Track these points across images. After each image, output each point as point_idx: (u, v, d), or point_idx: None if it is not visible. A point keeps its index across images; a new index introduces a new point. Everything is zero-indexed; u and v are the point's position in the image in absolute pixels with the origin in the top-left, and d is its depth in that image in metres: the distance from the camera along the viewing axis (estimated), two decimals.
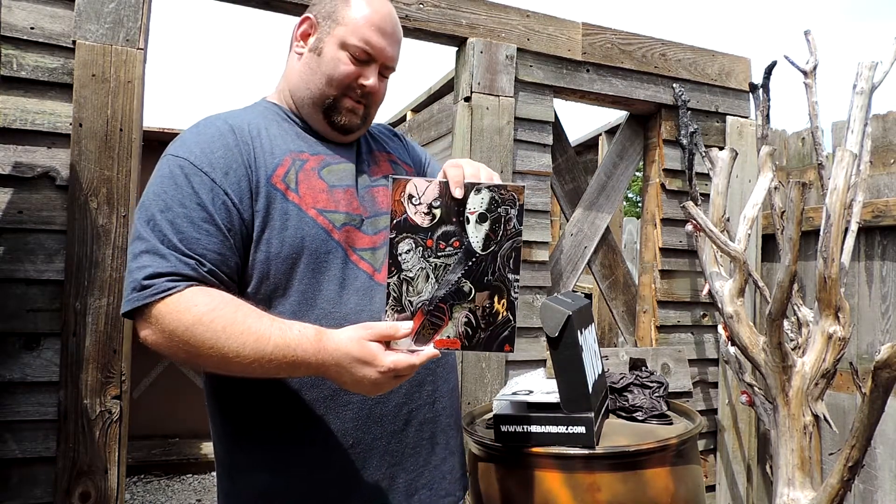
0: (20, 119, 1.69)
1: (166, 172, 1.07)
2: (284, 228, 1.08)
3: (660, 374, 2.01)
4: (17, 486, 1.66)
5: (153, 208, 1.03)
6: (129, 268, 1.02)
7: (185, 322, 0.96)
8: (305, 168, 1.14)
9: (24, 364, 1.67)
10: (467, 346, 0.99)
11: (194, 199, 1.04)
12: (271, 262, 1.08)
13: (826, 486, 1.63)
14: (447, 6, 2.21)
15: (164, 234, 1.01)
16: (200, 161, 1.07)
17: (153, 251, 1.00)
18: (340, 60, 1.14)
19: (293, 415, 1.10)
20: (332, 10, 1.16)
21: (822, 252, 1.76)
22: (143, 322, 1.00)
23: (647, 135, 2.70)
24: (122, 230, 1.75)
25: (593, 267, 2.63)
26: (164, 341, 0.99)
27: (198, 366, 1.02)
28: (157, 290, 0.98)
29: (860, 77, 2.00)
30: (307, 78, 1.17)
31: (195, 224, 1.03)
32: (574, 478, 1.47)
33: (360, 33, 1.14)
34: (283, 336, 0.97)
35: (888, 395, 1.44)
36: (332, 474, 1.10)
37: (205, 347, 0.97)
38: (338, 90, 1.16)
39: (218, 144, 1.09)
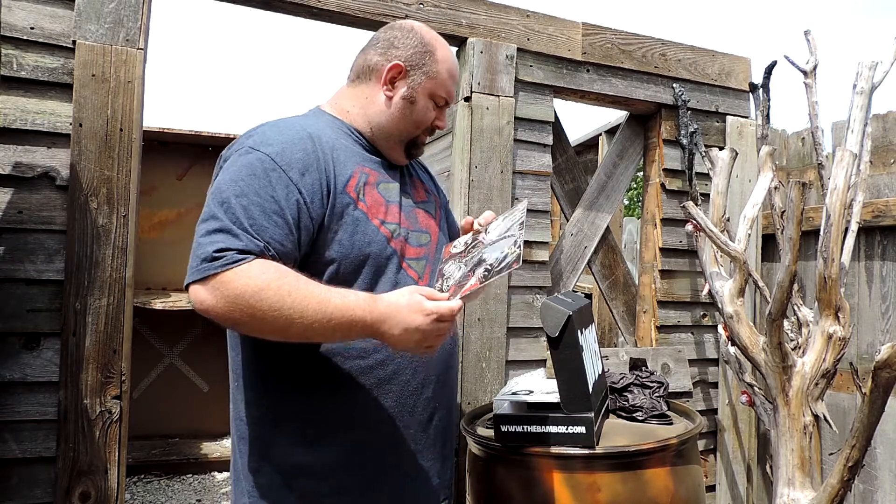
0: (20, 119, 1.69)
1: (245, 162, 1.16)
2: (355, 232, 1.22)
3: (660, 374, 2.01)
4: (17, 486, 1.66)
5: (228, 192, 1.13)
6: (198, 242, 1.12)
7: (253, 287, 1.06)
8: (369, 181, 1.29)
9: (24, 364, 1.67)
10: (486, 279, 1.17)
11: (269, 191, 1.14)
12: (341, 262, 1.21)
13: (826, 486, 1.63)
14: (447, 6, 2.21)
15: (236, 216, 1.11)
16: (280, 158, 1.17)
17: (226, 230, 1.10)
18: (429, 109, 1.36)
19: (342, 398, 1.22)
20: (420, 63, 1.35)
21: (822, 252, 1.76)
22: (206, 290, 1.08)
23: (647, 135, 2.70)
24: (122, 230, 1.75)
25: (593, 267, 2.63)
26: (227, 306, 1.07)
27: (256, 330, 1.10)
28: (228, 260, 1.08)
29: (860, 77, 2.00)
30: (398, 120, 1.34)
31: (266, 214, 1.13)
32: (574, 478, 1.47)
33: (446, 87, 1.37)
34: (343, 298, 1.10)
35: (888, 395, 1.44)
36: (370, 455, 1.24)
37: (270, 311, 1.06)
38: (419, 129, 1.37)
39: (298, 147, 1.20)
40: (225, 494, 3.67)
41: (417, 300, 1.12)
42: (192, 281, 1.09)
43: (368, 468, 1.23)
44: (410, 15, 2.15)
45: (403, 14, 2.13)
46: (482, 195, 2.21)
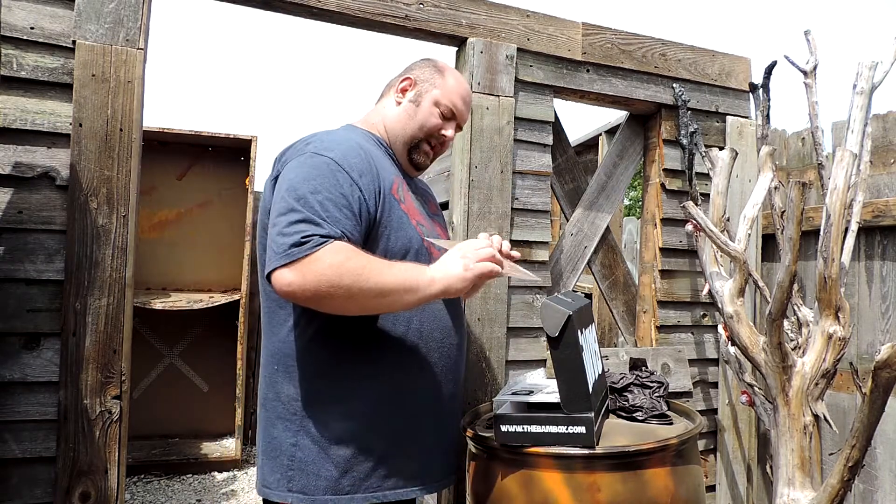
0: (20, 119, 1.69)
1: (314, 164, 1.35)
2: (400, 229, 1.43)
3: (660, 374, 2.01)
4: (17, 486, 1.66)
5: (304, 190, 1.31)
6: (283, 232, 1.27)
7: (338, 261, 1.24)
8: (404, 187, 1.52)
9: (24, 364, 1.67)
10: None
11: (338, 188, 1.33)
12: (388, 253, 1.40)
13: (826, 486, 1.63)
14: (447, 6, 2.21)
15: (314, 209, 1.29)
16: (343, 162, 1.36)
17: (308, 220, 1.27)
18: (433, 114, 1.56)
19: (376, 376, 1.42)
20: (430, 77, 1.58)
21: (822, 252, 1.76)
22: (292, 272, 1.24)
23: (647, 135, 2.70)
24: (122, 230, 1.75)
25: (593, 267, 2.63)
26: (316, 279, 1.23)
27: (340, 298, 1.25)
28: (315, 243, 1.25)
29: (860, 77, 2.00)
30: (405, 121, 1.56)
31: (338, 207, 1.31)
32: (574, 478, 1.47)
33: (450, 98, 1.57)
34: (406, 263, 1.37)
35: (888, 395, 1.44)
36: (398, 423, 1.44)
37: (354, 275, 1.24)
38: (424, 135, 1.56)
39: (354, 153, 1.40)
40: (225, 494, 3.67)
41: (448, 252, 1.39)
42: (278, 266, 1.25)
43: (396, 435, 1.42)
44: (410, 15, 2.15)
45: (403, 14, 2.13)
46: (482, 195, 2.21)
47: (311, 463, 1.37)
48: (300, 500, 1.36)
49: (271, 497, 1.40)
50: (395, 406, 1.43)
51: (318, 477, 1.36)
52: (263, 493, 1.42)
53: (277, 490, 1.38)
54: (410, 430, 1.45)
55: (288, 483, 1.37)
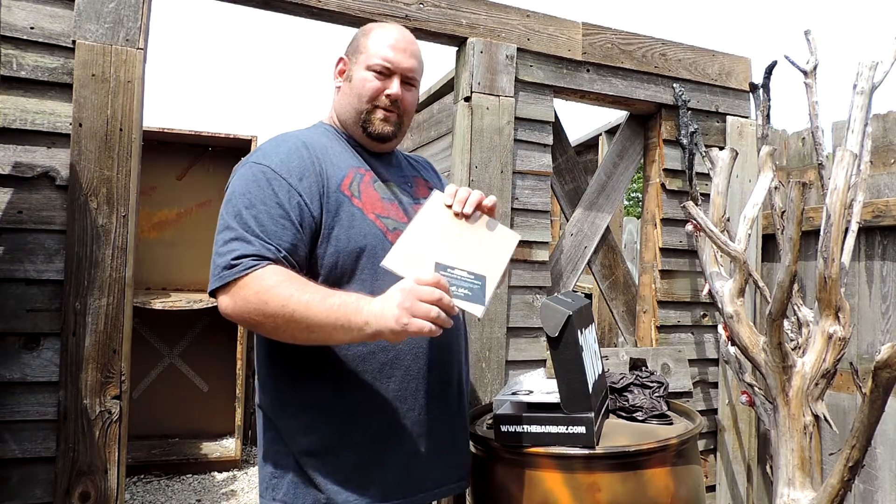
0: (20, 119, 1.69)
1: (251, 177, 1.30)
2: (351, 227, 1.33)
3: (660, 374, 2.01)
4: (17, 486, 1.66)
5: (240, 205, 1.27)
6: (218, 252, 1.25)
7: (266, 286, 1.19)
8: (364, 180, 1.41)
9: (23, 364, 1.67)
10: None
11: (274, 199, 1.27)
12: (339, 255, 1.32)
13: (826, 486, 1.63)
14: (447, 6, 2.21)
15: (249, 225, 1.25)
16: (280, 168, 1.31)
17: (241, 238, 1.24)
18: (367, 80, 1.42)
19: (345, 384, 1.33)
20: (356, 46, 1.46)
21: (822, 252, 1.76)
22: (227, 294, 1.22)
23: (648, 135, 2.70)
24: (121, 230, 1.75)
25: (593, 267, 2.63)
26: (244, 305, 1.20)
27: (269, 328, 1.22)
28: (245, 266, 1.21)
29: (860, 77, 2.00)
30: (346, 102, 1.45)
31: (274, 219, 1.26)
32: (574, 478, 1.47)
33: (379, 53, 1.42)
34: (345, 294, 1.21)
35: (888, 395, 1.44)
36: (371, 436, 1.34)
37: (280, 306, 1.18)
38: (369, 103, 1.42)
39: (294, 156, 1.33)
40: (225, 494, 3.67)
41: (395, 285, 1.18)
42: (214, 288, 1.24)
43: (369, 448, 1.34)
44: (410, 15, 2.15)
45: (403, 14, 2.13)
46: None
47: (291, 471, 1.33)
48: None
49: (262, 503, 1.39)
50: (366, 414, 1.34)
51: (297, 485, 1.33)
52: (260, 500, 1.41)
53: (266, 498, 1.38)
54: (386, 440, 1.35)
55: (272, 492, 1.36)
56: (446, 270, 1.24)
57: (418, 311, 1.12)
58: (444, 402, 1.44)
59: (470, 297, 1.23)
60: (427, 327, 1.12)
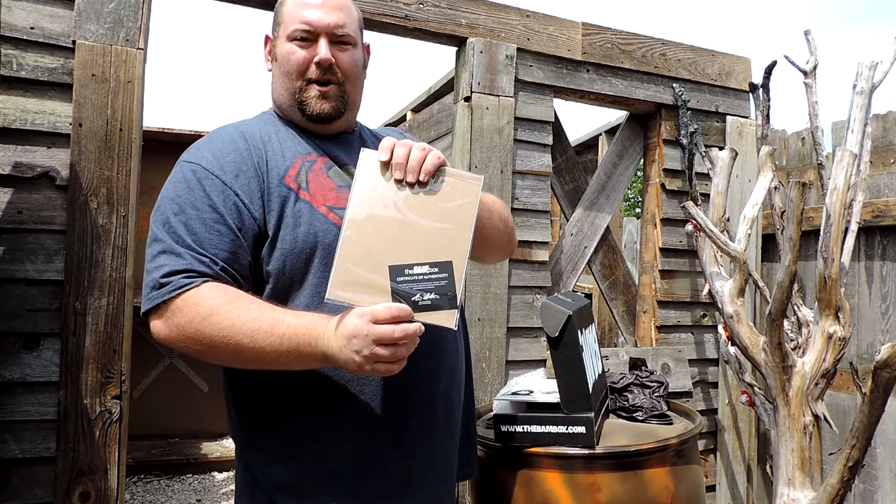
0: (20, 119, 1.69)
1: (180, 177, 1.13)
2: (297, 225, 1.13)
3: (660, 374, 2.01)
4: (17, 486, 1.66)
5: (168, 212, 1.10)
6: (147, 269, 1.08)
7: (202, 313, 1.02)
8: (314, 168, 1.19)
9: (24, 364, 1.67)
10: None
11: (206, 201, 1.10)
12: (287, 258, 1.13)
13: (826, 486, 1.63)
14: (447, 6, 2.21)
15: (178, 234, 1.08)
16: (212, 165, 1.13)
17: (169, 251, 1.07)
18: (291, 52, 1.19)
19: (313, 408, 1.15)
20: (275, 20, 1.25)
21: (822, 252, 1.76)
22: (159, 318, 1.05)
23: (647, 135, 2.70)
24: (121, 230, 1.75)
25: (593, 267, 2.63)
26: (179, 334, 1.04)
27: (212, 357, 1.06)
28: (175, 286, 1.04)
29: (860, 77, 2.00)
30: (278, 84, 1.24)
31: (207, 225, 1.09)
32: (574, 478, 1.47)
33: (295, 17, 1.19)
34: (296, 318, 1.03)
35: (888, 395, 1.44)
36: (348, 462, 1.15)
37: (220, 336, 1.02)
38: (299, 78, 1.20)
39: (229, 149, 1.15)
40: (225, 494, 3.67)
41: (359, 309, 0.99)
42: (146, 311, 1.07)
43: (346, 476, 1.15)
44: (410, 15, 2.15)
45: (403, 14, 2.13)
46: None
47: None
48: None
49: None
50: (340, 438, 1.15)
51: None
52: None
53: None
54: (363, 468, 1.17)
55: None
56: (403, 274, 1.03)
57: (380, 356, 0.97)
58: (430, 417, 1.22)
59: (438, 302, 1.03)
60: (395, 369, 1.00)
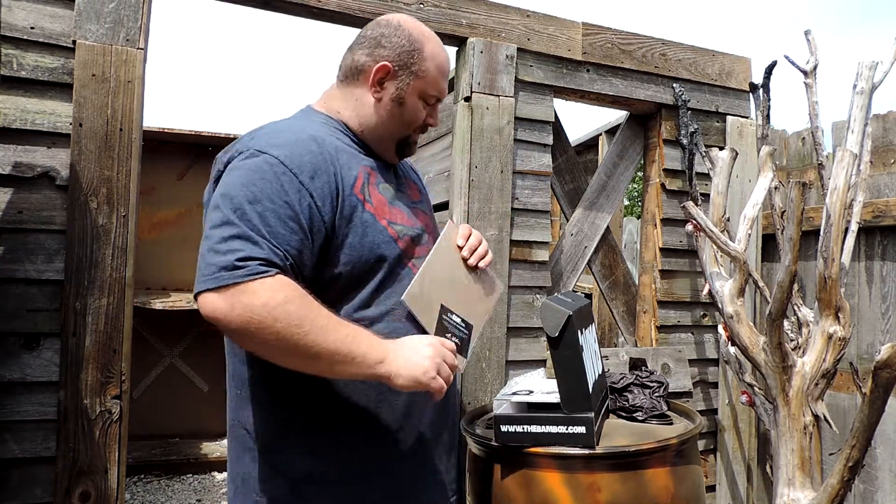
0: (20, 119, 1.69)
1: (254, 167, 1.13)
2: (365, 235, 1.20)
3: (660, 374, 2.01)
4: (17, 486, 1.66)
5: (241, 198, 1.10)
6: (214, 248, 1.08)
7: (278, 300, 1.04)
8: (371, 182, 1.27)
9: (24, 364, 1.67)
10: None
11: (283, 196, 1.11)
12: (354, 265, 1.19)
13: (826, 486, 1.63)
14: (447, 6, 2.21)
15: (253, 223, 1.08)
16: (289, 162, 1.14)
17: (245, 237, 1.07)
18: (418, 108, 1.32)
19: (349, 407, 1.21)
20: (408, 61, 1.30)
21: (822, 252, 1.76)
22: (221, 296, 1.05)
23: (648, 135, 2.70)
24: (121, 230, 1.75)
25: (593, 267, 2.63)
26: (245, 312, 1.04)
27: (268, 344, 1.07)
28: (252, 271, 1.05)
29: (860, 77, 2.00)
30: (388, 122, 1.31)
31: (282, 220, 1.10)
32: (574, 478, 1.46)
33: (436, 85, 1.33)
34: (353, 325, 1.12)
35: (888, 395, 1.44)
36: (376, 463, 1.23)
37: (292, 324, 1.04)
38: (410, 130, 1.34)
39: (304, 150, 1.17)
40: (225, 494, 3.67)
41: (422, 337, 1.19)
42: (206, 290, 1.06)
43: (375, 476, 1.23)
44: (410, 15, 2.14)
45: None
46: (482, 195, 2.21)
47: (282, 500, 1.20)
48: None
49: None
50: (370, 441, 1.23)
51: None
52: None
53: None
54: (387, 466, 1.25)
55: None
56: (447, 315, 1.28)
57: (443, 372, 1.15)
58: (438, 433, 1.34)
59: (459, 347, 1.28)
60: (444, 390, 1.15)
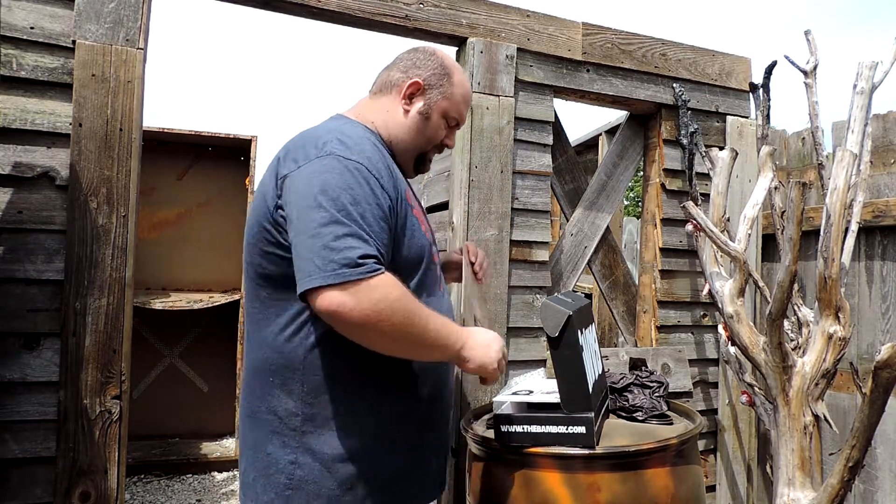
0: (20, 119, 1.69)
1: (343, 170, 1.22)
2: (413, 237, 1.34)
3: (660, 374, 2.01)
4: (17, 486, 1.66)
5: (344, 199, 1.19)
6: (328, 245, 1.15)
7: (396, 294, 1.17)
8: (408, 190, 1.41)
9: (24, 364, 1.67)
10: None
11: (374, 199, 1.22)
12: (404, 262, 1.32)
13: (826, 487, 1.63)
14: (447, 6, 2.21)
15: (360, 223, 1.18)
16: (371, 167, 1.26)
17: (357, 235, 1.17)
18: (440, 127, 1.48)
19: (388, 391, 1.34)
20: (438, 83, 1.46)
21: (822, 252, 1.76)
22: (344, 292, 1.14)
23: (648, 135, 2.70)
24: (121, 230, 1.75)
25: (593, 267, 2.63)
26: (369, 307, 1.14)
27: (384, 335, 1.19)
28: (371, 268, 1.15)
29: (860, 77, 2.00)
30: (413, 134, 1.46)
31: (378, 221, 1.22)
32: (574, 478, 1.46)
33: (458, 109, 1.49)
34: (444, 319, 1.29)
35: (888, 395, 1.44)
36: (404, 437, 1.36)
37: (407, 316, 1.19)
38: (429, 146, 1.49)
39: (377, 157, 1.30)
40: (224, 495, 3.67)
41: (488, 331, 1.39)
42: (327, 284, 1.13)
43: (407, 452, 1.36)
44: (410, 15, 2.15)
45: (403, 14, 2.13)
46: (482, 195, 2.21)
47: (312, 482, 1.27)
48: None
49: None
50: (402, 422, 1.35)
51: (319, 496, 1.27)
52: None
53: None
54: (414, 448, 1.38)
55: (285, 502, 1.28)
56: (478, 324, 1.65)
57: (501, 365, 1.37)
58: (448, 417, 1.51)
59: None
60: (497, 378, 1.38)
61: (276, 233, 1.26)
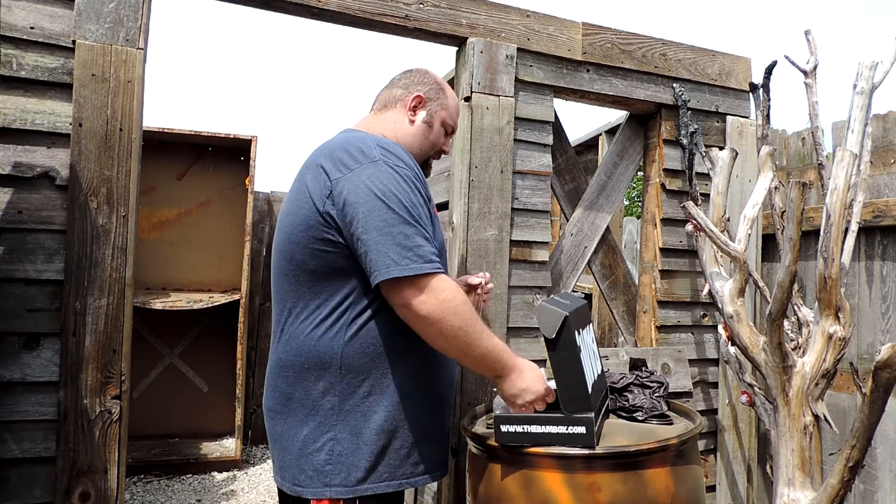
0: (20, 119, 1.69)
1: (398, 177, 1.38)
2: (436, 236, 1.48)
3: (660, 374, 2.01)
4: (17, 486, 1.66)
5: (407, 202, 1.36)
6: (400, 242, 1.32)
7: (461, 297, 1.35)
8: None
9: (23, 364, 1.67)
10: None
11: (423, 201, 1.41)
12: None
13: (826, 487, 1.63)
14: (447, 6, 2.21)
15: (422, 224, 1.37)
16: (416, 175, 1.44)
17: (423, 236, 1.34)
18: (441, 133, 1.69)
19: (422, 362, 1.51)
20: (436, 96, 1.68)
21: (822, 252, 1.76)
22: (417, 288, 1.31)
23: (648, 135, 2.70)
24: (121, 230, 1.75)
25: (593, 267, 2.63)
26: (441, 304, 1.32)
27: (445, 332, 1.34)
28: (438, 267, 1.33)
29: (860, 77, 2.00)
30: (420, 140, 1.65)
31: (428, 222, 1.40)
32: (574, 478, 1.46)
33: (453, 118, 1.72)
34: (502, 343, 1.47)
35: (888, 395, 1.44)
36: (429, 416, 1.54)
37: (463, 321, 1.34)
38: (432, 151, 1.69)
39: (413, 164, 1.47)
40: (225, 494, 3.67)
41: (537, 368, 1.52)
42: (407, 276, 1.30)
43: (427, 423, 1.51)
44: (410, 15, 2.15)
45: (403, 14, 2.13)
46: (482, 195, 2.21)
47: (350, 455, 1.40)
48: (339, 493, 1.40)
49: (305, 494, 1.42)
50: (426, 396, 1.51)
51: (357, 468, 1.40)
52: (295, 492, 1.43)
53: (312, 487, 1.41)
54: (437, 418, 1.54)
55: (325, 478, 1.40)
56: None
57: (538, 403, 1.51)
58: (452, 401, 1.67)
59: None
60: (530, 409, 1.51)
61: (324, 231, 1.39)
